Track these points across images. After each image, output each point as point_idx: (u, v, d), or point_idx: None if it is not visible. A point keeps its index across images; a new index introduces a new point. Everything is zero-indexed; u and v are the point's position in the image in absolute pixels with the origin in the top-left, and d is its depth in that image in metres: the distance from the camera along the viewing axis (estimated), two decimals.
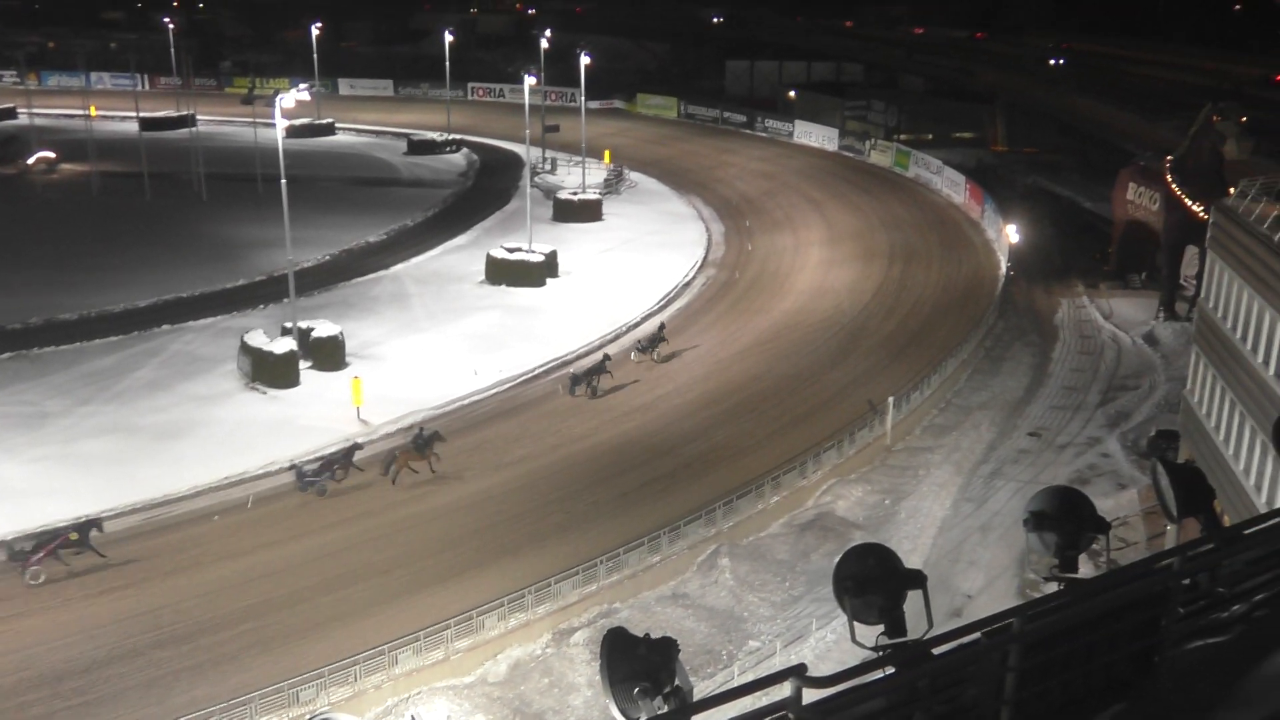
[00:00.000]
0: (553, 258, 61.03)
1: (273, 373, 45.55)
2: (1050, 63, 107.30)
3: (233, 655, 29.15)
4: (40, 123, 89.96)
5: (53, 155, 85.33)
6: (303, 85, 67.14)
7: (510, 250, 60.65)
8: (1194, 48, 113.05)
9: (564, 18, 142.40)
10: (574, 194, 75.18)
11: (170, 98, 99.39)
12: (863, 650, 4.71)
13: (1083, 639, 4.70)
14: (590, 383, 45.61)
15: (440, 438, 38.97)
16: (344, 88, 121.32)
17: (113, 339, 50.69)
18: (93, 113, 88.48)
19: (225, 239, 66.34)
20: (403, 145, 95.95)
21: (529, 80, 71.55)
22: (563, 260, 61.73)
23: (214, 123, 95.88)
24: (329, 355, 47.44)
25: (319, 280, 59.20)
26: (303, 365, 46.55)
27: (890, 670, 4.44)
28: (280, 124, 50.42)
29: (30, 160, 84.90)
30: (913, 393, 45.89)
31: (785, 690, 4.07)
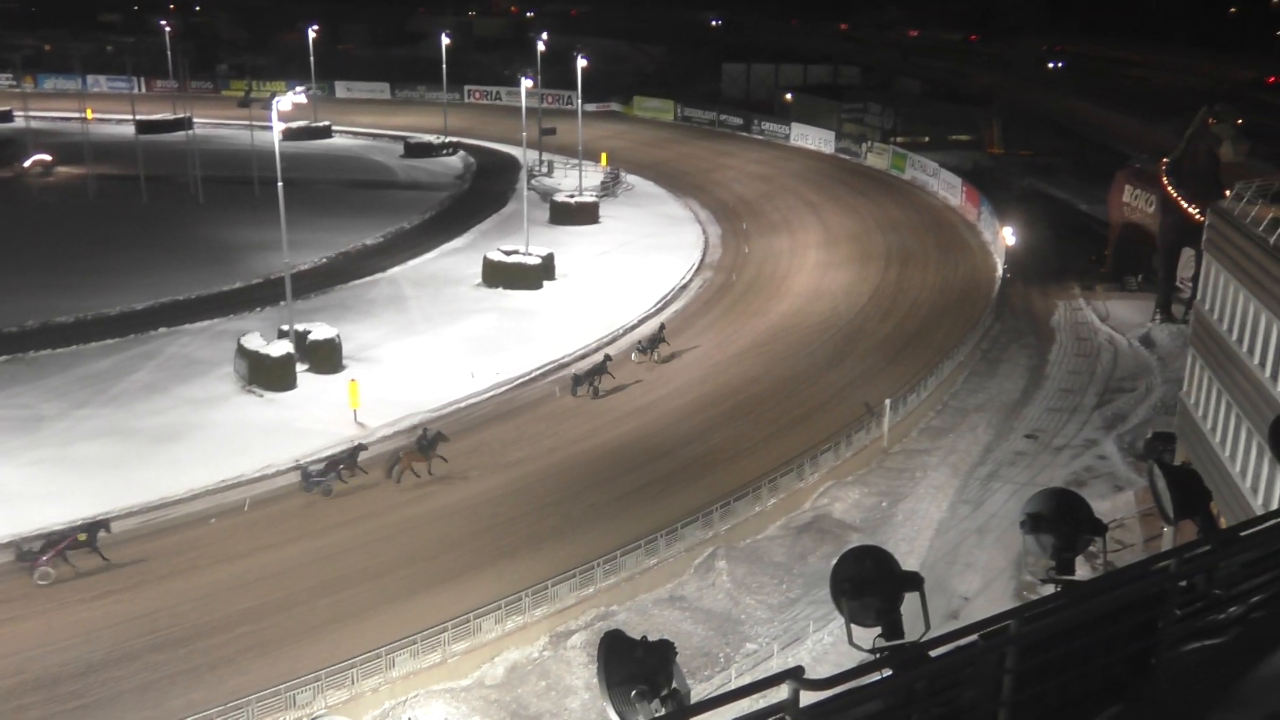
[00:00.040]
0: (550, 260, 61.05)
1: (270, 375, 45.54)
2: (1049, 66, 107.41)
3: (230, 658, 29.12)
4: (36, 125, 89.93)
5: (49, 158, 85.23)
6: (299, 88, 67.05)
7: (507, 253, 60.67)
8: (1190, 50, 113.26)
9: (561, 20, 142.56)
10: (571, 197, 75.18)
11: (167, 100, 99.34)
12: (860, 652, 4.72)
13: (1080, 641, 4.71)
14: (592, 383, 45.73)
15: (444, 437, 39.19)
16: (341, 90, 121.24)
17: (109, 342, 50.63)
18: (89, 115, 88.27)
19: (222, 242, 66.28)
20: (400, 148, 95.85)
21: (526, 83, 71.52)
22: (560, 263, 61.74)
23: (211, 125, 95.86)
24: (326, 358, 47.44)
25: (316, 283, 59.18)
26: (300, 368, 46.53)
27: (888, 672, 4.45)
28: (277, 127, 50.43)
29: (26, 163, 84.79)
30: (909, 395, 45.91)
31: (783, 692, 4.07)
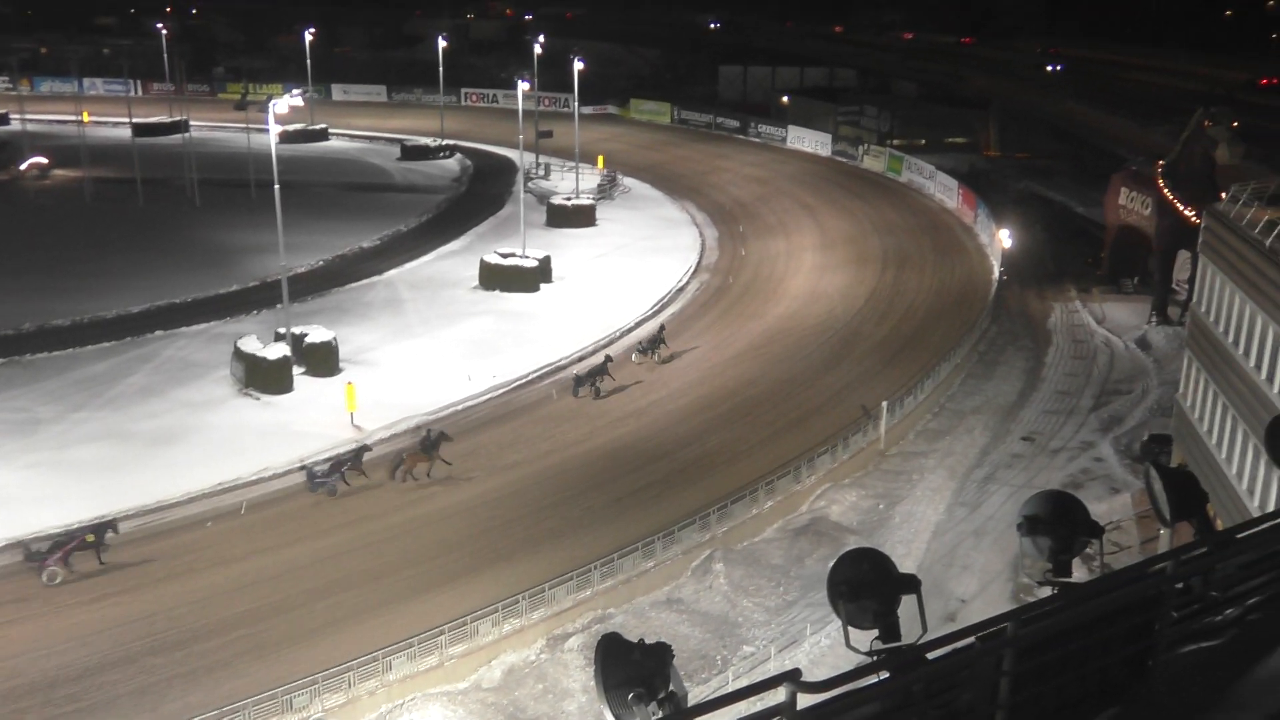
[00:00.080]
0: (546, 263, 61.03)
1: (266, 378, 45.48)
2: (1048, 69, 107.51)
3: (226, 662, 29.08)
4: (33, 128, 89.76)
5: (45, 161, 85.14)
6: (296, 91, 67.08)
7: (504, 255, 60.66)
8: (1186, 53, 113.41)
9: (557, 23, 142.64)
10: (568, 199, 75.17)
11: (163, 103, 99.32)
12: (857, 655, 4.71)
13: (1077, 643, 4.71)
14: (593, 384, 45.83)
15: (447, 437, 39.36)
16: (337, 93, 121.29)
17: (106, 345, 50.54)
18: (85, 118, 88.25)
19: (218, 244, 66.22)
20: (396, 151, 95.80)
21: (522, 86, 71.57)
22: (556, 265, 61.73)
23: (207, 128, 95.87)
24: (322, 361, 47.38)
25: (312, 286, 59.14)
26: (296, 371, 46.46)
27: (885, 675, 4.44)
28: (274, 129, 50.41)
29: (23, 166, 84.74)
30: (906, 397, 45.93)
31: (780, 695, 4.07)
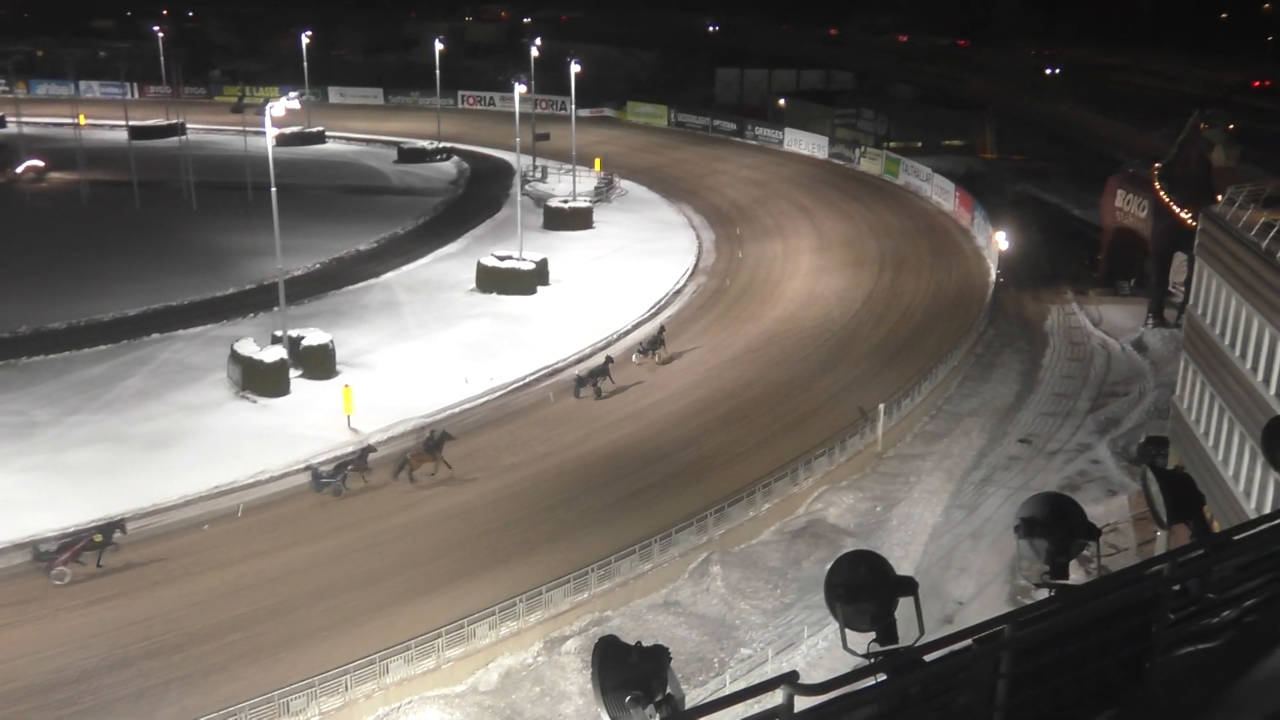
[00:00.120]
0: (543, 266, 61.04)
1: (263, 381, 45.45)
2: (1046, 72, 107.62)
3: (223, 665, 29.05)
4: (29, 131, 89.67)
5: (42, 164, 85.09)
6: (293, 93, 67.15)
7: (501, 258, 60.64)
8: (1182, 55, 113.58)
9: (554, 26, 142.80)
10: (564, 202, 75.20)
11: (160, 106, 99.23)
12: (854, 657, 4.71)
13: (1074, 645, 4.71)
14: (595, 384, 45.89)
15: (450, 436, 39.48)
16: (334, 96, 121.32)
17: (102, 348, 50.51)
18: (82, 121, 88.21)
19: (215, 247, 66.20)
20: (393, 153, 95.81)
21: (519, 88, 71.58)
22: (553, 268, 61.74)
23: (204, 131, 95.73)
24: (319, 364, 47.34)
25: (309, 288, 59.12)
26: (293, 374, 46.45)
27: (882, 677, 4.44)
28: (270, 132, 50.45)
29: (19, 169, 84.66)
30: (903, 400, 45.96)
31: (777, 698, 4.07)
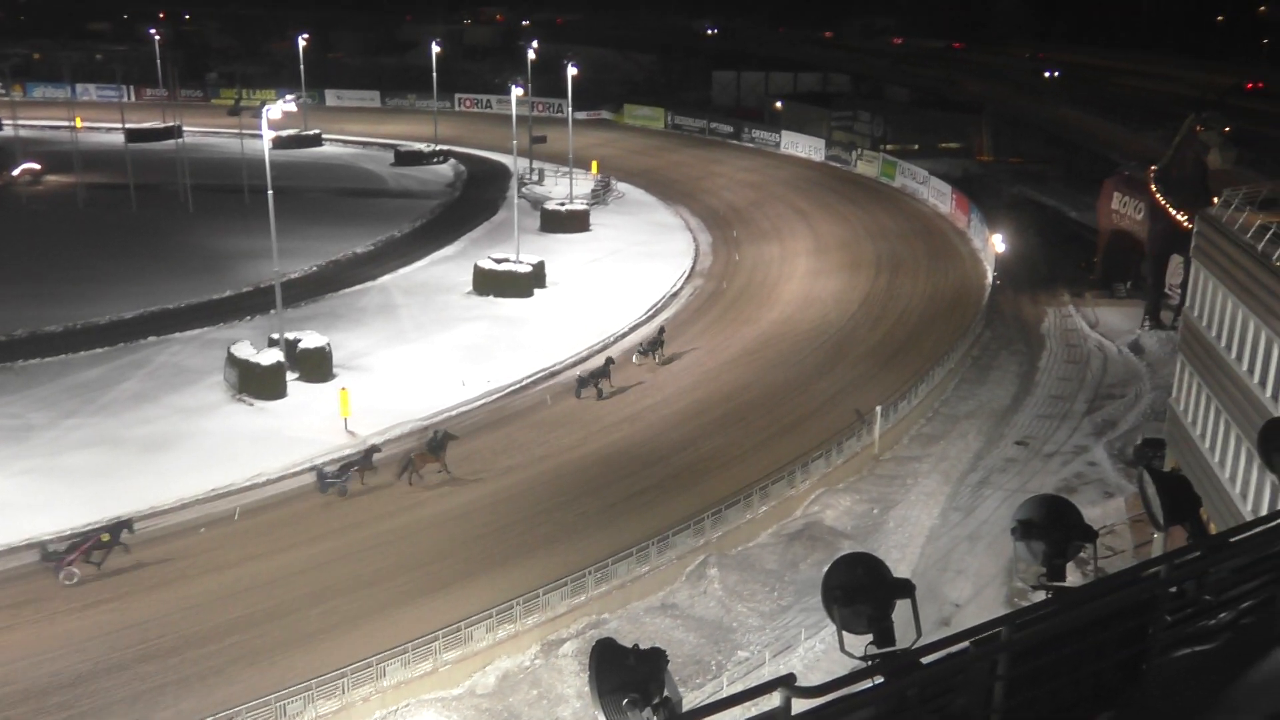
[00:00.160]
0: (540, 268, 61.03)
1: (260, 384, 45.40)
2: (1045, 75, 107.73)
3: (219, 668, 29.00)
4: (25, 134, 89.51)
5: (38, 167, 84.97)
6: (289, 96, 67.01)
7: (498, 261, 60.63)
8: (1178, 58, 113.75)
9: (550, 29, 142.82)
10: (561, 204, 75.17)
11: (156, 109, 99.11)
12: (852, 660, 4.71)
13: (1071, 647, 4.71)
14: (596, 385, 45.98)
15: (452, 436, 39.51)
16: (331, 99, 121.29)
17: (98, 351, 50.44)
18: (78, 124, 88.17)
19: (212, 250, 66.15)
20: (390, 156, 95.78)
21: (516, 91, 71.58)
22: (550, 271, 61.72)
23: (200, 134, 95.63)
24: (316, 366, 47.30)
25: (306, 291, 59.05)
26: (290, 376, 46.41)
27: (879, 680, 4.44)
28: (267, 135, 50.37)
29: (15, 172, 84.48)
30: (900, 402, 45.96)
31: (774, 700, 4.07)
